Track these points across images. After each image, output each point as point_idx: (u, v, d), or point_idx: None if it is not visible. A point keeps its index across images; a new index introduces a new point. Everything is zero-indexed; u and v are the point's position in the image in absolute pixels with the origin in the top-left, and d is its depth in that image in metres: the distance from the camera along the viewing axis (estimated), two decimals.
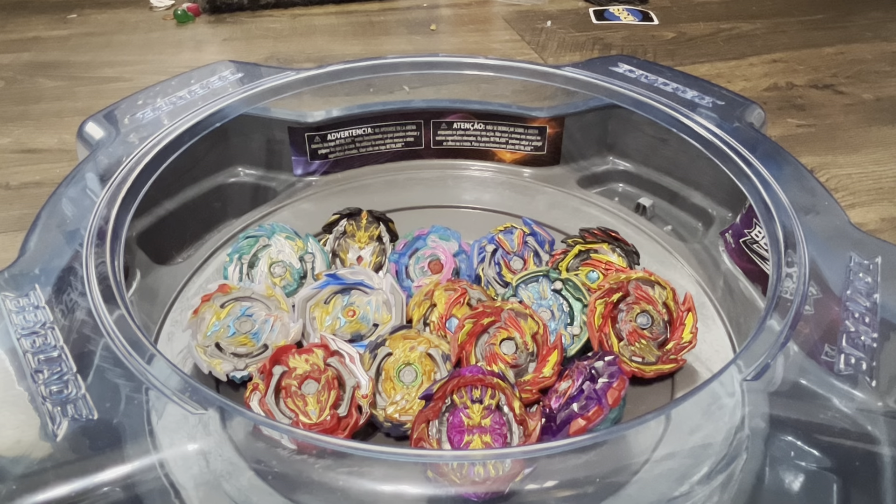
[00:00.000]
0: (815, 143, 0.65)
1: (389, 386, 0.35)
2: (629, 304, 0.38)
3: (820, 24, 0.92)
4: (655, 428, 0.27)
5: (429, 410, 0.32)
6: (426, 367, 0.36)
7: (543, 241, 0.44)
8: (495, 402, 0.32)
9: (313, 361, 0.35)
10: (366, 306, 0.39)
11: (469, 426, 0.31)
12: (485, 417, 0.31)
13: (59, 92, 0.75)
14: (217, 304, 0.38)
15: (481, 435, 0.31)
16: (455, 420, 0.32)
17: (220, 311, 0.38)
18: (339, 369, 0.35)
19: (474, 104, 0.55)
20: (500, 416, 0.32)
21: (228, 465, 0.26)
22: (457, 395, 0.32)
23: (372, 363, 0.36)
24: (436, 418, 0.32)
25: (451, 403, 0.32)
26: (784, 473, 0.26)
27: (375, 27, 0.91)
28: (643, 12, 0.94)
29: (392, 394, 0.35)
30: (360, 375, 0.34)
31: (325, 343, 0.36)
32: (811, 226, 0.37)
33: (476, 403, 0.32)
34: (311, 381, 0.34)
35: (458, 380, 0.32)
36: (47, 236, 0.36)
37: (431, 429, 0.32)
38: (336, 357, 0.35)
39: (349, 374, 0.35)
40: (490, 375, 0.32)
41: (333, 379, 0.34)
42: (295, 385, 0.34)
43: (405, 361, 0.36)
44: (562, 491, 0.25)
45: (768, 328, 0.31)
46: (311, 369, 0.34)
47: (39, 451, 0.26)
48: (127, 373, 0.29)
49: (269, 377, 0.34)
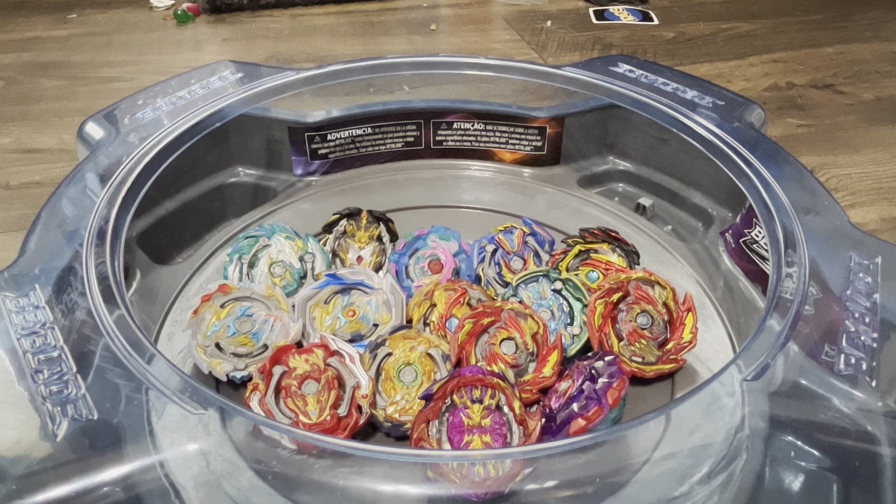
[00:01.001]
0: (815, 143, 0.65)
1: (389, 386, 0.35)
2: (629, 304, 0.38)
3: (820, 24, 0.92)
4: (655, 428, 0.27)
5: (429, 410, 0.32)
6: (426, 367, 0.36)
7: (543, 241, 0.44)
8: (495, 402, 0.32)
9: (313, 361, 0.35)
10: (366, 306, 0.39)
11: (469, 426, 0.31)
12: (485, 417, 0.31)
13: (59, 92, 0.75)
14: (217, 304, 0.38)
15: (481, 435, 0.31)
16: (455, 420, 0.32)
17: (221, 311, 0.38)
18: (339, 369, 0.35)
19: (474, 104, 0.55)
20: (500, 416, 0.32)
21: (228, 465, 0.26)
22: (457, 395, 0.32)
23: (372, 363, 0.36)
24: (436, 418, 0.32)
25: (451, 403, 0.32)
26: (784, 473, 0.26)
27: (375, 27, 0.91)
28: (643, 12, 0.94)
29: (392, 394, 0.35)
30: (360, 375, 0.34)
31: (325, 343, 0.35)
32: (811, 226, 0.37)
33: (476, 403, 0.32)
34: (311, 381, 0.34)
35: (458, 380, 0.32)
36: (47, 236, 0.36)
37: (431, 429, 0.32)
38: (336, 357, 0.35)
39: (349, 374, 0.35)
40: (490, 375, 0.32)
41: (333, 379, 0.34)
42: (295, 385, 0.34)
43: (405, 361, 0.36)
44: (562, 491, 0.25)
45: (768, 328, 0.31)
46: (311, 369, 0.34)
47: (39, 451, 0.26)
48: (127, 373, 0.29)
49: (268, 377, 0.34)
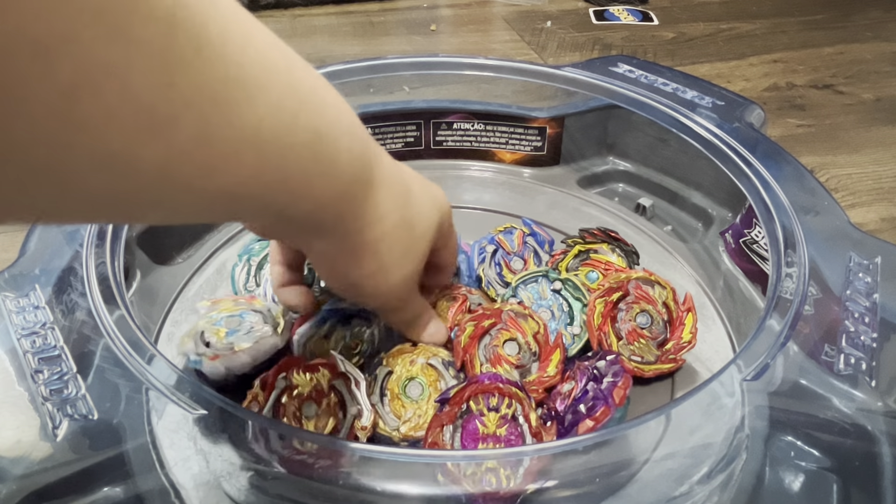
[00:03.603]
0: (815, 143, 0.65)
1: (398, 405, 0.34)
2: (629, 303, 0.38)
3: (820, 24, 0.92)
4: (655, 428, 0.27)
5: (444, 415, 0.31)
6: (431, 378, 0.35)
7: (543, 241, 0.44)
8: (511, 411, 0.31)
9: (317, 381, 0.32)
10: (369, 340, 0.38)
11: (484, 434, 0.31)
12: (500, 427, 0.31)
13: None
14: (233, 302, 0.37)
15: (496, 444, 0.30)
16: (470, 427, 0.31)
17: (232, 307, 0.37)
18: (343, 393, 0.33)
19: (474, 104, 0.55)
20: (516, 427, 0.31)
21: (228, 465, 0.26)
22: (473, 402, 0.31)
23: (374, 384, 0.34)
24: (451, 423, 0.31)
25: (467, 409, 0.31)
26: (784, 473, 0.26)
27: (375, 27, 0.91)
28: (643, 12, 0.94)
29: (402, 412, 0.34)
30: (362, 404, 0.32)
31: (333, 362, 0.33)
32: (811, 226, 0.37)
33: (492, 412, 0.31)
34: (312, 403, 0.32)
35: (476, 386, 0.31)
36: (47, 236, 0.36)
37: (445, 434, 0.31)
38: (342, 379, 0.33)
39: (352, 400, 0.32)
40: (507, 384, 0.32)
41: (335, 405, 0.32)
42: (294, 406, 0.32)
43: (408, 376, 0.35)
44: (562, 491, 0.25)
45: (768, 328, 0.31)
46: (314, 390, 0.32)
47: (39, 451, 0.26)
48: (127, 373, 0.29)
49: (270, 389, 0.32)
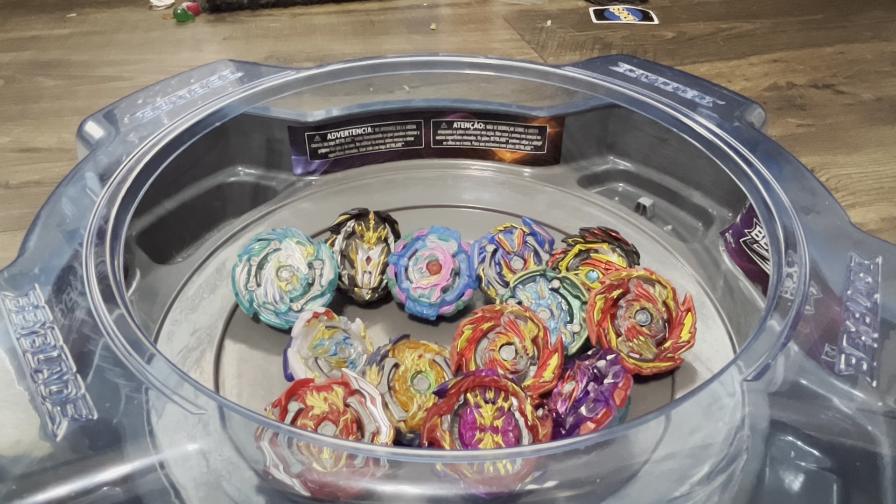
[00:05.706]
0: (815, 143, 0.65)
1: (406, 397, 0.34)
2: (629, 300, 0.38)
3: (820, 24, 0.92)
4: (655, 428, 0.27)
5: (442, 404, 0.32)
6: (438, 374, 0.35)
7: (543, 240, 0.44)
8: (507, 405, 0.32)
9: (332, 401, 0.31)
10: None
11: (481, 425, 0.31)
12: (497, 419, 0.31)
13: (59, 91, 0.75)
14: (323, 325, 0.37)
15: (493, 434, 0.31)
16: (468, 417, 0.31)
17: (326, 332, 0.37)
18: (359, 411, 0.32)
19: (474, 104, 0.55)
20: (512, 420, 0.31)
21: (228, 465, 0.26)
22: (471, 394, 0.32)
23: (380, 375, 0.34)
24: (448, 413, 0.31)
25: (465, 401, 0.32)
26: (784, 473, 0.26)
27: (375, 26, 0.91)
28: (643, 12, 0.94)
29: (410, 405, 0.34)
30: (380, 420, 0.31)
31: (345, 380, 0.32)
32: (811, 226, 0.37)
33: (489, 404, 0.32)
34: (329, 423, 0.31)
35: (473, 379, 0.32)
36: (47, 236, 0.36)
37: (444, 423, 0.31)
38: (356, 396, 0.32)
39: (369, 417, 0.31)
40: (505, 379, 0.32)
41: (353, 423, 0.31)
42: (311, 426, 0.31)
43: (416, 370, 0.35)
44: (562, 491, 0.25)
45: (769, 328, 0.31)
46: (330, 410, 0.31)
47: (39, 451, 0.26)
48: (127, 373, 0.29)
49: (283, 413, 0.31)
